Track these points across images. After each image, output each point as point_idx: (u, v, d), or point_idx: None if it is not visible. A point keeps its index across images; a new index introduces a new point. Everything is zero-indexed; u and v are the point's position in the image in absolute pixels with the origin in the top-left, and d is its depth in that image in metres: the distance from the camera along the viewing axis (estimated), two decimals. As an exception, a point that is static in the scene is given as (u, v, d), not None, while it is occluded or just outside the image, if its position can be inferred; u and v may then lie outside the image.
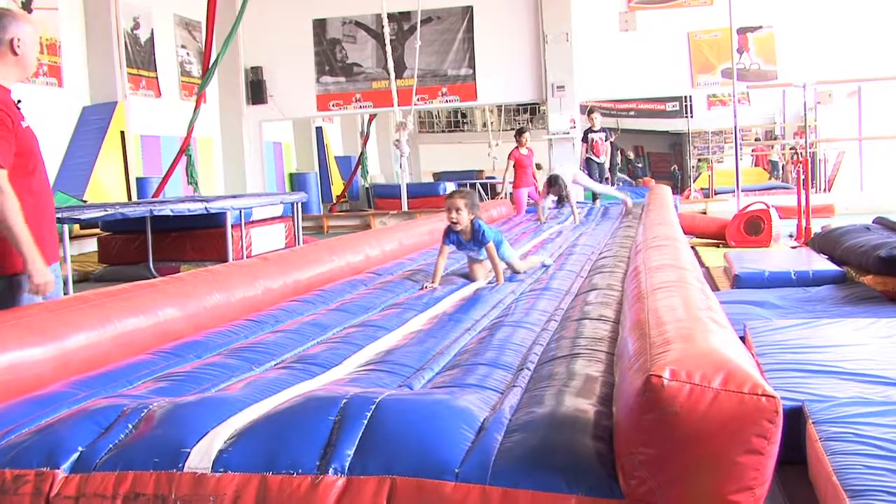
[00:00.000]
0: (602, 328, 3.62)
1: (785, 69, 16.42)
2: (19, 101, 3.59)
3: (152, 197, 13.28)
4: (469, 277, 5.30)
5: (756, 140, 28.60)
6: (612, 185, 13.75)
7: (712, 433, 1.76)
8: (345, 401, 2.26)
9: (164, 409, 2.36)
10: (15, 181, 3.41)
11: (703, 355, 1.88)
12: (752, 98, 25.93)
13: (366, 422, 2.16)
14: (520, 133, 12.15)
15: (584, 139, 13.80)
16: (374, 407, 2.21)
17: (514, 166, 11.96)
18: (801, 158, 11.18)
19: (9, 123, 3.46)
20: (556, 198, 10.64)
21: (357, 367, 3.15)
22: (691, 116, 26.06)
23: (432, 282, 5.03)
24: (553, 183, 10.41)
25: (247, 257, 9.38)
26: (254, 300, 4.56)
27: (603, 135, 13.87)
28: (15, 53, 3.59)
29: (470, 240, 5.19)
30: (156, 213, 8.44)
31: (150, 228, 9.39)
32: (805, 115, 13.75)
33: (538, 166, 13.70)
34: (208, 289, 4.25)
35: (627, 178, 23.96)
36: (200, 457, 2.11)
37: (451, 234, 5.23)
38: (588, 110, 14.05)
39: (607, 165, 14.22)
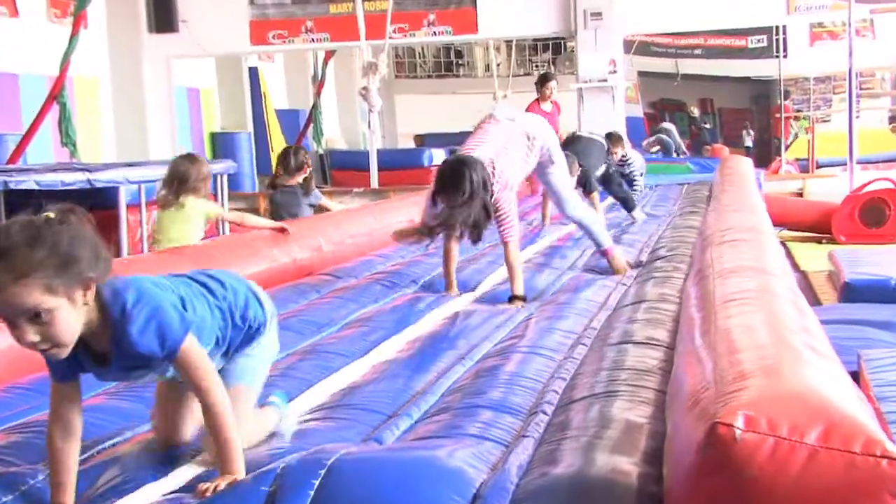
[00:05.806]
0: (651, 356, 3.64)
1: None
2: None
3: (7, 163, 13.21)
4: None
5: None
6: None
7: (807, 509, 1.75)
8: (282, 465, 2.26)
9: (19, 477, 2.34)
10: None
11: (794, 397, 1.88)
12: (878, 28, 25.81)
13: (312, 492, 2.17)
14: (544, 81, 12.05)
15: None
16: (324, 472, 2.22)
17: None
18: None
19: None
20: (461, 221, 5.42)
21: (304, 413, 3.14)
22: (785, 56, 26.04)
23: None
24: (446, 184, 5.32)
25: (149, 251, 9.36)
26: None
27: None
28: None
29: (110, 360, 2.44)
30: (13, 186, 8.36)
31: (5, 208, 9.33)
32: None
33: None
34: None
35: (685, 149, 23.66)
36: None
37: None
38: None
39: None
